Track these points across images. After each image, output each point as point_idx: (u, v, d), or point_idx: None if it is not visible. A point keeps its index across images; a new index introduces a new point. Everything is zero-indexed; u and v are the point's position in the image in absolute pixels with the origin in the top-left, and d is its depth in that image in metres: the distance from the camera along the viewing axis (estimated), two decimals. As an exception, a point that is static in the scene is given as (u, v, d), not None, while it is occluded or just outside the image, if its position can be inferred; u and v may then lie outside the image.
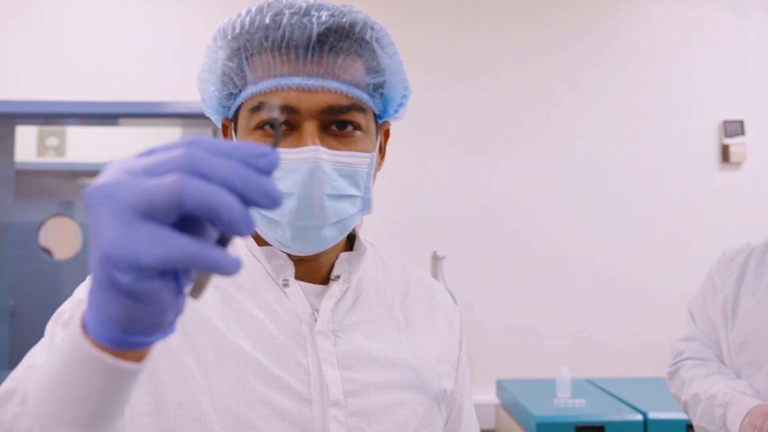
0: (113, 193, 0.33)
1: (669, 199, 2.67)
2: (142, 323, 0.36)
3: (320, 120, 0.63)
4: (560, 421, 1.95)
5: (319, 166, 0.61)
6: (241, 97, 0.66)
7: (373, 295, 0.72)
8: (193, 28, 2.63)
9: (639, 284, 2.64)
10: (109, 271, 0.33)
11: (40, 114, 2.61)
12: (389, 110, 0.70)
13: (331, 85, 0.63)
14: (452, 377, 0.76)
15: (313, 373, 0.64)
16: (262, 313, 0.66)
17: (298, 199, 0.62)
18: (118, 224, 0.32)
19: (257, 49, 0.64)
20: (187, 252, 0.32)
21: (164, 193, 0.32)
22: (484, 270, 2.58)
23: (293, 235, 0.64)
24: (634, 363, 2.58)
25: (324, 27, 0.62)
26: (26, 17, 2.60)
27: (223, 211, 0.32)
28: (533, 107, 2.67)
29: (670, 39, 2.72)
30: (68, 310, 0.63)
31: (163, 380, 0.61)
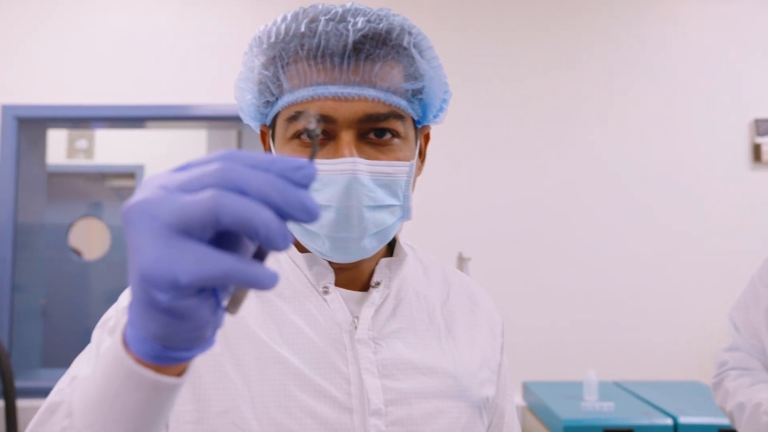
0: (150, 211, 0.33)
1: (699, 200, 2.62)
2: (181, 339, 0.36)
3: (357, 129, 0.62)
4: (588, 424, 1.93)
5: (356, 177, 0.60)
6: (277, 105, 0.65)
7: (414, 301, 0.71)
8: (219, 31, 2.66)
9: (668, 285, 2.59)
10: (148, 290, 0.33)
11: (70, 118, 2.66)
12: (429, 115, 0.69)
13: (368, 93, 0.61)
14: (494, 383, 0.74)
15: (354, 381, 0.64)
16: (302, 320, 0.66)
17: (336, 212, 0.61)
18: (155, 243, 0.32)
19: (293, 58, 0.63)
20: (224, 269, 0.32)
21: (200, 209, 0.31)
22: (510, 271, 2.56)
23: (332, 247, 0.64)
24: (664, 366, 2.54)
25: (360, 34, 0.61)
26: (56, 25, 2.66)
27: (260, 226, 0.32)
28: (560, 109, 2.65)
29: (699, 37, 2.67)
30: (114, 317, 0.64)
31: (206, 388, 0.61)
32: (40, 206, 2.80)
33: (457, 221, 2.58)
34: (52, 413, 0.48)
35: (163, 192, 0.33)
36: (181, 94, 2.63)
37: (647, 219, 2.61)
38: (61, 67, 2.64)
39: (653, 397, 2.17)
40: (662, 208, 2.62)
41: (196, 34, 2.67)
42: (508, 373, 0.79)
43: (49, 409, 0.48)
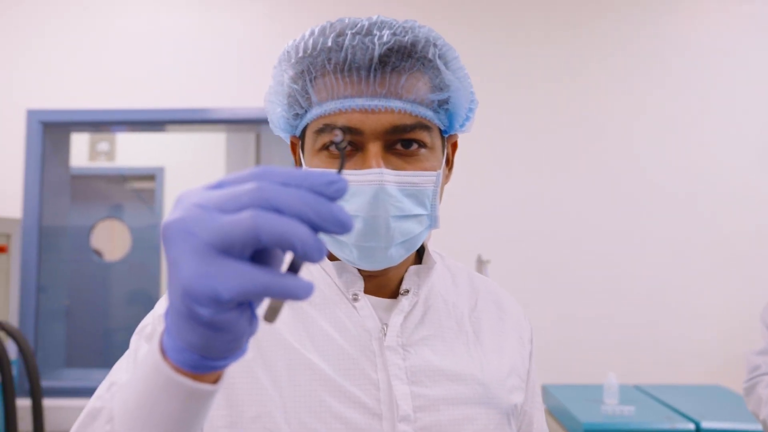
0: (189, 229, 0.34)
1: (721, 201, 2.59)
2: (219, 349, 0.38)
3: (384, 140, 0.63)
4: (608, 428, 1.91)
5: (383, 188, 0.61)
6: (306, 118, 0.66)
7: (442, 308, 0.72)
8: (238, 36, 2.69)
9: (690, 288, 2.56)
10: (190, 305, 0.35)
11: (93, 122, 2.71)
12: (455, 124, 0.69)
13: (395, 105, 0.62)
14: (522, 390, 0.75)
15: (383, 387, 0.65)
16: (332, 327, 0.67)
17: (364, 222, 0.62)
18: (196, 261, 0.33)
19: (321, 72, 0.64)
20: (263, 284, 0.33)
21: (241, 230, 0.33)
22: (530, 274, 2.55)
23: (360, 255, 0.65)
24: (685, 369, 2.51)
25: (385, 47, 0.62)
26: (78, 32, 2.71)
27: (297, 243, 0.33)
28: (580, 111, 2.63)
29: (721, 35, 2.63)
30: (150, 324, 0.66)
31: (239, 394, 0.63)
32: (64, 209, 2.85)
33: (476, 224, 2.57)
34: (93, 418, 0.50)
35: (200, 211, 0.34)
36: (200, 98, 2.67)
37: (668, 221, 2.58)
38: (84, 72, 2.69)
39: (675, 401, 2.14)
40: (684, 210, 2.59)
41: (215, 39, 2.70)
42: (536, 380, 0.80)
43: (91, 415, 0.50)
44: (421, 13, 2.64)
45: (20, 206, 2.63)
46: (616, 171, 2.61)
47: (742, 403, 1.91)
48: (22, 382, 2.43)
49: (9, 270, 2.37)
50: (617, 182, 2.60)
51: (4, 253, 2.33)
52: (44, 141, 2.68)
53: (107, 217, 4.23)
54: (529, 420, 0.77)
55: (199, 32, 2.71)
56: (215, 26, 2.71)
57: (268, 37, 2.68)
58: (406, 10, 2.64)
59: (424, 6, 2.66)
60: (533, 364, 0.79)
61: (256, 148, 4.76)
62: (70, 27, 2.71)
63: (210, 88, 2.67)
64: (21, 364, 2.34)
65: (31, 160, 2.65)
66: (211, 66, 2.68)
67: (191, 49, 2.69)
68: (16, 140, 2.66)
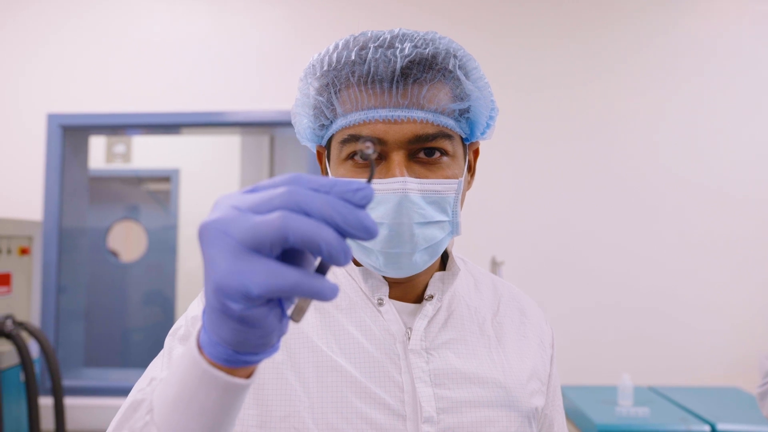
0: (224, 229, 0.36)
1: (739, 201, 2.57)
2: (251, 345, 0.40)
3: (407, 149, 0.65)
4: (623, 429, 1.91)
5: (407, 196, 0.63)
6: (332, 128, 0.68)
7: (465, 313, 0.74)
8: (252, 40, 2.72)
9: (706, 288, 2.55)
10: (222, 300, 0.37)
11: (111, 125, 2.75)
12: (476, 132, 0.71)
13: (417, 115, 0.64)
14: (543, 394, 0.76)
15: (407, 389, 0.66)
16: (358, 331, 0.69)
17: (389, 229, 0.64)
18: (229, 258, 0.35)
19: (345, 84, 0.66)
20: (291, 282, 0.35)
21: (270, 229, 0.35)
22: (544, 275, 2.55)
23: (386, 262, 0.66)
24: (701, 371, 2.50)
25: (407, 60, 0.63)
26: (96, 38, 2.76)
27: (323, 244, 0.35)
28: (596, 111, 2.63)
29: (742, 36, 2.62)
30: (183, 326, 0.68)
31: (268, 394, 0.65)
32: (82, 210, 2.90)
33: (491, 225, 2.58)
34: (134, 410, 0.52)
35: (235, 212, 0.36)
36: (215, 101, 2.70)
37: (684, 222, 2.57)
38: (102, 77, 2.74)
39: (690, 402, 2.14)
40: (701, 210, 2.57)
41: (230, 44, 2.73)
42: (558, 383, 0.81)
43: (132, 407, 0.52)
44: (434, 20, 2.65)
45: (41, 209, 2.68)
46: (631, 171, 2.60)
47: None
48: (44, 381, 2.48)
49: (31, 271, 2.42)
50: (632, 182, 2.59)
51: (26, 255, 2.38)
52: (64, 144, 2.73)
53: (123, 219, 4.28)
54: (549, 423, 0.79)
55: (215, 37, 2.74)
56: (230, 31, 2.74)
57: (282, 41, 2.71)
58: (419, 16, 2.65)
59: (438, 12, 2.67)
60: (554, 368, 0.80)
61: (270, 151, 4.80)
62: (89, 33, 2.76)
63: (225, 91, 2.71)
64: (42, 364, 2.39)
65: (52, 163, 2.70)
66: (226, 70, 2.72)
67: (207, 54, 2.73)
68: (37, 144, 2.72)
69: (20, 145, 2.72)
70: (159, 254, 4.19)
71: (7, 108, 2.75)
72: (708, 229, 2.57)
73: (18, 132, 2.73)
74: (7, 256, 2.26)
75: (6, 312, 2.22)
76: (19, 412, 2.14)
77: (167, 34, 2.75)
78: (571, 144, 2.62)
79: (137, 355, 4.22)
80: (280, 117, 2.68)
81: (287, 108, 2.67)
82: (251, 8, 2.74)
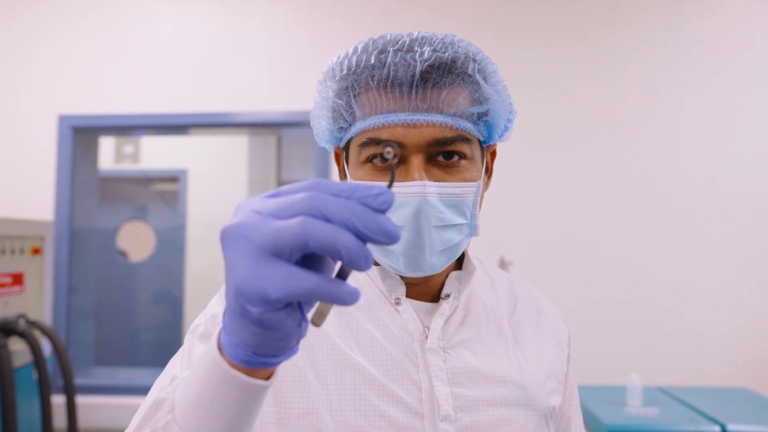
0: (245, 233, 0.36)
1: (750, 202, 2.56)
2: (270, 347, 0.40)
3: (426, 153, 0.65)
4: (632, 430, 1.91)
5: (426, 200, 0.63)
6: (351, 131, 0.69)
7: (482, 312, 0.74)
8: (259, 41, 2.73)
9: (716, 289, 2.54)
10: (242, 303, 0.37)
11: (120, 126, 2.77)
12: (494, 135, 0.72)
13: (436, 119, 0.64)
14: (560, 393, 0.76)
15: (425, 388, 0.67)
16: (376, 329, 0.70)
17: (409, 232, 0.64)
18: (249, 262, 0.36)
19: (364, 88, 0.66)
20: (309, 287, 0.35)
21: (291, 234, 0.35)
22: (551, 275, 2.55)
23: (406, 263, 0.67)
24: (710, 371, 2.50)
25: (426, 65, 0.63)
26: (105, 41, 2.78)
27: (342, 250, 0.35)
28: (605, 111, 2.62)
29: (749, 32, 2.61)
30: (203, 324, 0.68)
31: (287, 392, 0.66)
32: (92, 210, 2.92)
33: (499, 225, 2.58)
34: (157, 409, 0.52)
35: (257, 216, 0.37)
36: (223, 102, 2.71)
37: (693, 222, 2.57)
38: (112, 78, 2.76)
39: (699, 403, 2.13)
40: (710, 211, 2.57)
41: (238, 45, 2.74)
42: (575, 382, 0.82)
43: (155, 405, 0.53)
44: (441, 21, 2.65)
45: (52, 209, 2.70)
46: (642, 170, 2.59)
47: (768, 406, 1.90)
48: (56, 380, 2.51)
49: (43, 271, 2.44)
50: (642, 182, 2.59)
51: (38, 255, 2.40)
52: (74, 145, 2.75)
53: (132, 219, 4.31)
54: (566, 422, 0.79)
55: (223, 38, 2.75)
56: (238, 32, 2.75)
57: (290, 42, 2.72)
58: (426, 17, 2.66)
59: (445, 14, 2.67)
60: (571, 367, 0.81)
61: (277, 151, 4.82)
62: (100, 35, 2.78)
63: (232, 92, 2.72)
64: (55, 362, 2.41)
65: (63, 164, 2.72)
66: (233, 71, 2.73)
67: (215, 55, 2.74)
68: (48, 145, 2.74)
69: (32, 147, 2.75)
70: (167, 254, 4.21)
71: (19, 110, 2.78)
72: (719, 229, 2.56)
73: (29, 134, 2.76)
74: (19, 256, 2.28)
75: (19, 311, 2.24)
76: (32, 410, 2.17)
77: (176, 36, 2.76)
78: (579, 143, 2.62)
79: (146, 354, 4.25)
80: (288, 117, 2.69)
81: (294, 109, 2.68)
82: (259, 9, 2.75)
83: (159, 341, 4.21)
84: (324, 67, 0.71)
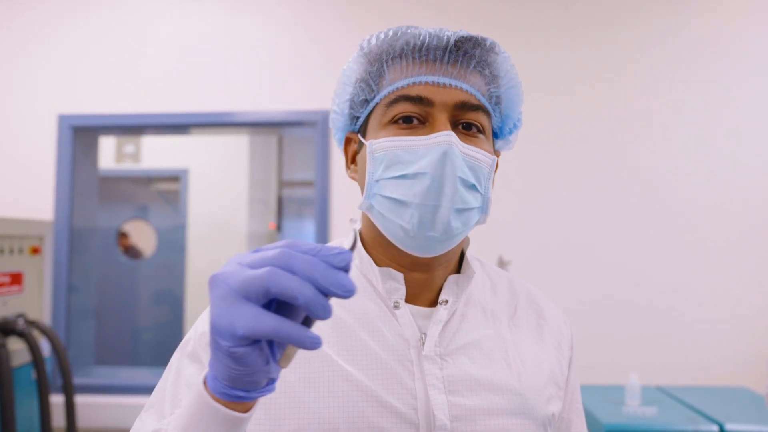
0: (225, 279, 0.43)
1: (751, 202, 2.56)
2: (241, 381, 0.46)
3: (451, 115, 0.67)
4: (630, 429, 1.91)
5: (451, 149, 0.64)
6: (375, 99, 0.70)
7: (480, 317, 0.73)
8: (261, 41, 2.74)
9: (715, 288, 2.54)
10: (215, 336, 0.44)
11: (120, 126, 2.78)
12: (505, 128, 0.74)
13: (463, 86, 0.67)
14: (560, 399, 0.75)
15: (420, 397, 0.65)
16: (371, 337, 0.68)
17: (431, 179, 0.64)
18: (224, 302, 0.43)
19: (398, 54, 0.68)
20: (270, 327, 0.41)
21: (257, 281, 0.42)
22: (551, 274, 2.55)
23: (420, 218, 0.65)
24: (710, 370, 2.49)
25: (459, 36, 0.68)
26: (106, 40, 2.78)
27: (300, 297, 0.41)
28: (604, 110, 2.62)
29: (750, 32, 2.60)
30: (192, 340, 0.69)
31: (280, 408, 0.65)
32: (92, 210, 2.93)
33: (498, 224, 2.58)
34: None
35: (237, 266, 0.44)
36: (224, 101, 2.72)
37: (693, 221, 2.56)
38: (112, 78, 2.77)
39: (698, 402, 2.13)
40: (711, 210, 2.56)
41: (239, 44, 2.74)
42: (577, 385, 0.80)
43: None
44: (444, 21, 2.65)
45: (52, 209, 2.71)
46: (641, 169, 2.59)
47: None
48: (55, 379, 2.51)
49: (42, 271, 2.44)
50: (642, 181, 2.58)
51: (37, 255, 2.41)
52: (74, 145, 2.76)
53: (133, 218, 4.32)
54: (567, 425, 0.77)
55: (223, 37, 2.76)
56: (239, 31, 2.75)
57: (291, 42, 2.72)
58: (428, 16, 2.66)
59: (447, 13, 2.67)
60: (573, 371, 0.79)
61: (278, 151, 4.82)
62: (100, 35, 2.79)
63: (233, 91, 2.73)
64: (54, 362, 2.41)
65: (62, 164, 2.73)
66: (234, 70, 2.73)
67: (215, 54, 2.75)
68: (48, 145, 2.75)
69: (31, 146, 2.75)
70: (168, 254, 4.22)
71: (19, 109, 2.78)
72: (719, 228, 2.55)
73: (29, 133, 2.76)
74: (18, 255, 2.29)
75: (18, 311, 2.25)
76: (31, 410, 2.17)
77: (177, 35, 2.77)
78: (579, 143, 2.62)
79: (147, 353, 4.26)
80: (289, 117, 2.69)
81: (295, 108, 2.68)
82: (260, 9, 2.75)
83: (160, 341, 4.22)
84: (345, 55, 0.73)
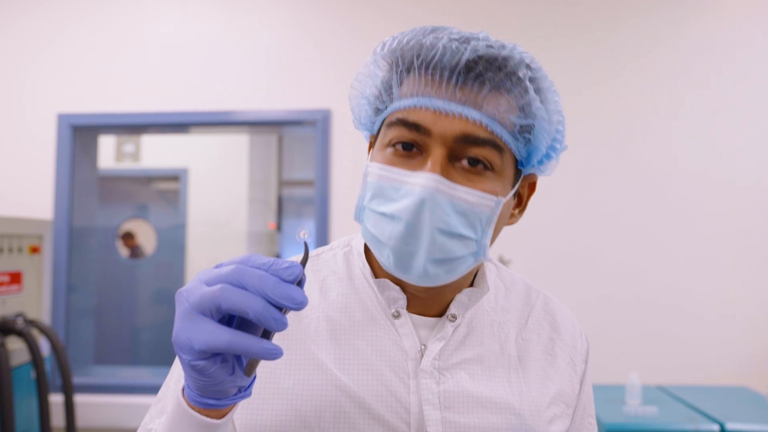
0: (186, 296, 0.46)
1: (750, 198, 2.55)
2: (209, 391, 0.48)
3: (451, 148, 0.59)
4: (631, 429, 1.90)
5: (432, 196, 0.58)
6: (385, 112, 0.64)
7: (487, 330, 0.70)
8: (260, 40, 2.73)
9: (715, 286, 2.54)
10: (177, 351, 0.46)
11: (120, 125, 2.77)
12: (533, 159, 0.64)
13: (471, 114, 0.58)
14: (567, 417, 0.71)
15: (414, 411, 0.63)
16: (368, 346, 0.66)
17: (405, 225, 0.59)
18: (183, 319, 0.46)
19: (407, 66, 0.61)
20: (224, 341, 0.44)
21: (209, 297, 0.44)
22: (551, 273, 2.55)
23: (395, 260, 0.61)
24: (710, 370, 2.49)
25: (476, 54, 0.58)
26: (106, 40, 2.78)
27: (250, 312, 0.43)
28: (605, 109, 2.61)
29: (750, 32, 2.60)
30: None
31: (275, 413, 0.64)
32: (92, 209, 2.93)
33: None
34: None
35: (197, 282, 0.46)
36: (223, 101, 2.71)
37: (694, 220, 2.56)
38: (112, 77, 2.76)
39: (699, 402, 2.12)
40: (712, 210, 2.56)
41: (238, 43, 2.74)
42: (589, 398, 0.76)
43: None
44: (445, 21, 2.65)
45: (51, 208, 2.71)
46: (642, 168, 2.58)
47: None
48: (54, 379, 2.51)
49: (41, 270, 2.44)
50: (641, 180, 2.58)
51: (36, 254, 2.40)
52: (74, 144, 2.75)
53: (133, 217, 4.32)
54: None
55: (223, 37, 2.75)
56: (239, 31, 2.75)
57: (290, 41, 2.72)
58: (430, 17, 2.65)
59: (450, 13, 2.66)
60: (586, 385, 0.75)
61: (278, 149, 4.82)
62: (99, 34, 2.78)
63: (233, 91, 2.72)
64: (53, 361, 2.41)
65: (62, 163, 2.72)
66: (234, 70, 2.73)
67: (215, 54, 2.74)
68: (47, 144, 2.74)
69: (31, 145, 2.75)
70: (168, 253, 4.22)
71: (18, 108, 2.78)
72: (719, 226, 2.55)
73: (29, 132, 2.76)
74: (18, 254, 2.29)
75: (17, 310, 2.25)
76: (30, 409, 2.17)
77: (177, 35, 2.76)
78: (580, 143, 2.61)
79: (146, 353, 4.25)
80: (288, 116, 2.69)
81: (295, 107, 2.68)
82: (260, 8, 2.75)
83: (159, 340, 4.21)
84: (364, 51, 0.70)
